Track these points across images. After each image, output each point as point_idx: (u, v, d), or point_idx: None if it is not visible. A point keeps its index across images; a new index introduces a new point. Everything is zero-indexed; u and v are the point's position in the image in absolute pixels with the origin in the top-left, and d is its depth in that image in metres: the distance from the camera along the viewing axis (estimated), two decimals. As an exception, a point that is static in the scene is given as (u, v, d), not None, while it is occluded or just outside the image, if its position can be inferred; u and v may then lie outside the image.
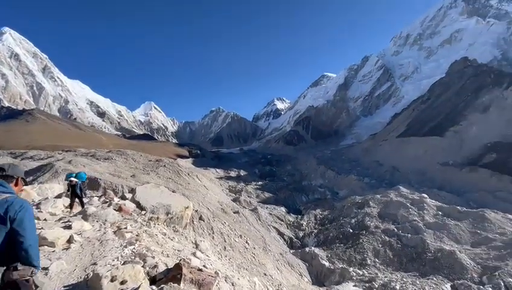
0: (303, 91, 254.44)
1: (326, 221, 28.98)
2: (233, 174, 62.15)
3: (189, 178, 30.90)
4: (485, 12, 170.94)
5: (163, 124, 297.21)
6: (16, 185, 2.26)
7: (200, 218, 14.93)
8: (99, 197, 8.14)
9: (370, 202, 29.27)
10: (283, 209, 34.11)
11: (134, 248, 4.24)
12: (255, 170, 72.06)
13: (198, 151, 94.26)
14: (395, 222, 24.50)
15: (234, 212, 23.73)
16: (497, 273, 14.71)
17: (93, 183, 15.62)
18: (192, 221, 13.80)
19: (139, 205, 6.98)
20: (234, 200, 33.89)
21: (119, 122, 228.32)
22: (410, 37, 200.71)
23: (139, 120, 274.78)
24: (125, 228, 5.12)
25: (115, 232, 4.82)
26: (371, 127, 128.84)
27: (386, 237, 20.76)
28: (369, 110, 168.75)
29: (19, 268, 1.92)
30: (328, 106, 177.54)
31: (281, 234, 25.41)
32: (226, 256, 9.97)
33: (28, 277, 1.96)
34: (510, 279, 13.97)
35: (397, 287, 14.43)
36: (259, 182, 52.65)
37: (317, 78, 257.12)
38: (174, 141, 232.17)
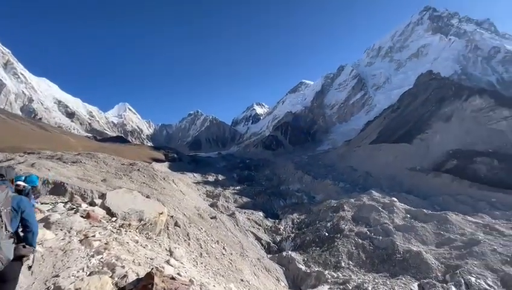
0: (282, 97, 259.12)
1: (303, 225, 29.42)
2: (211, 178, 61.20)
3: (165, 183, 29.92)
4: (447, 30, 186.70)
5: (138, 127, 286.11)
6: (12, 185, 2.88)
7: (176, 224, 14.45)
8: (65, 203, 7.58)
9: (345, 206, 30.24)
10: (261, 214, 34.12)
11: (102, 257, 3.97)
12: (233, 174, 71.58)
13: (175, 155, 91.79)
14: (367, 225, 25.47)
15: (211, 218, 23.29)
16: (458, 271, 15.79)
17: (59, 189, 14.55)
18: (167, 227, 13.31)
19: (109, 211, 6.59)
20: (211, 205, 33.31)
21: (90, 124, 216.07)
22: (382, 49, 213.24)
23: (112, 122, 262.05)
24: (93, 236, 4.80)
25: (81, 241, 4.49)
26: (346, 133, 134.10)
27: (359, 240, 21.50)
28: (344, 117, 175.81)
29: (26, 247, 2.61)
30: (306, 112, 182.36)
31: (258, 239, 25.34)
32: (202, 263, 9.71)
33: (30, 254, 2.67)
34: (469, 276, 15.06)
35: (369, 288, 14.93)
36: (238, 187, 52.32)
37: (295, 85, 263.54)
38: (150, 144, 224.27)
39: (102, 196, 8.77)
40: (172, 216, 14.98)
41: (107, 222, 5.99)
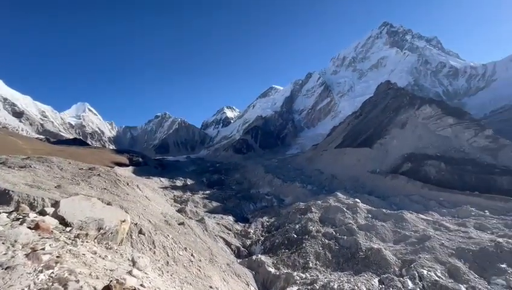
0: (252, 101, 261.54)
1: (272, 228, 29.73)
2: (179, 183, 59.16)
3: (129, 188, 28.17)
4: (402, 44, 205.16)
5: (99, 128, 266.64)
6: None
7: (140, 232, 13.63)
8: (9, 213, 6.71)
9: (312, 208, 31.24)
10: (231, 218, 33.78)
11: (52, 272, 3.58)
12: (202, 178, 70.02)
13: (140, 159, 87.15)
14: (333, 225, 26.59)
15: (179, 224, 22.43)
16: (412, 265, 17.18)
17: (2, 197, 12.87)
18: (131, 236, 12.51)
19: (63, 221, 5.98)
20: (179, 210, 32.13)
21: (42, 124, 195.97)
22: (346, 59, 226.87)
23: (69, 123, 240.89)
24: (43, 249, 4.30)
25: (27, 255, 4.00)
26: (314, 138, 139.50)
27: (325, 240, 22.32)
28: (312, 123, 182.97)
29: None
30: (276, 116, 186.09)
31: (228, 244, 25.00)
32: (168, 272, 9.27)
33: None
34: (422, 269, 16.47)
35: (335, 286, 15.51)
36: (207, 191, 51.27)
37: (265, 90, 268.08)
38: (112, 147, 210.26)
39: (56, 204, 7.94)
40: (136, 224, 14.12)
41: (60, 232, 5.43)
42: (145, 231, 13.64)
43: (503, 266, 16.59)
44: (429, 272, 16.10)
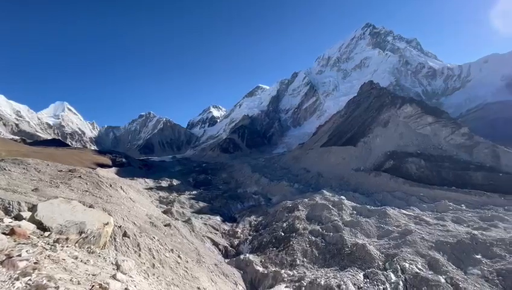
0: (239, 100, 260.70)
1: (260, 227, 29.83)
2: (164, 184, 58.08)
3: (112, 190, 27.31)
4: (384, 45, 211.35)
5: (79, 128, 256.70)
6: None
7: (125, 234, 13.25)
8: (-19, 218, 6.31)
9: (299, 206, 31.61)
10: (218, 218, 33.58)
11: (30, 279, 3.39)
12: (189, 178, 69.12)
13: (124, 160, 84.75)
14: (320, 222, 27.04)
15: (165, 225, 22.03)
16: (395, 259, 17.79)
17: (-27, 202, 12.09)
18: (114, 239, 12.13)
19: (41, 225, 5.69)
20: (165, 212, 31.57)
21: (17, 125, 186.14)
22: (330, 59, 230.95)
23: (47, 123, 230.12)
24: (19, 255, 4.07)
25: (1, 262, 3.77)
26: (300, 137, 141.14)
27: (312, 237, 22.67)
28: (298, 122, 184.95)
29: None
30: (262, 116, 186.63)
31: (216, 244, 24.85)
32: (154, 274, 9.07)
33: None
34: (404, 263, 17.09)
35: (322, 282, 15.78)
36: (194, 192, 50.67)
37: (252, 89, 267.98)
38: (94, 147, 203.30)
39: (33, 208, 7.55)
40: (120, 226, 13.71)
41: (38, 237, 5.16)
42: (130, 234, 13.28)
43: (478, 256, 17.53)
44: (411, 265, 16.73)
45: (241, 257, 21.21)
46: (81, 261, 4.70)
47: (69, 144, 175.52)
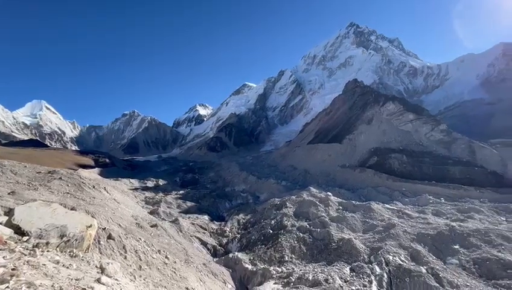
0: (225, 98, 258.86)
1: (248, 225, 29.89)
2: (150, 184, 56.93)
3: (95, 191, 26.49)
4: (368, 44, 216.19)
5: (59, 128, 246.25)
6: None
7: (109, 237, 12.88)
8: (-49, 224, 5.92)
9: (287, 203, 31.93)
10: (206, 217, 33.33)
11: (8, 287, 3.24)
12: (175, 178, 68.10)
13: (107, 160, 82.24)
14: (307, 219, 27.45)
15: (151, 226, 21.62)
16: (380, 252, 18.38)
17: None
18: (99, 241, 11.78)
19: (18, 230, 5.43)
20: (152, 212, 30.98)
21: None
22: (316, 57, 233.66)
23: (23, 122, 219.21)
24: (-5, 261, 3.87)
25: (-24, 270, 3.57)
26: (287, 134, 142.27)
27: (300, 234, 22.98)
28: (285, 119, 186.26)
29: None
30: (250, 114, 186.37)
31: (204, 244, 24.67)
32: (141, 276, 8.89)
33: None
34: (388, 255, 17.69)
35: (310, 277, 16.06)
36: (181, 191, 49.98)
37: (239, 87, 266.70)
38: (75, 148, 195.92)
39: (10, 212, 7.18)
40: (104, 228, 13.32)
41: (16, 242, 4.92)
42: (115, 236, 12.93)
43: (456, 247, 18.43)
44: (394, 257, 17.34)
45: (230, 255, 21.19)
46: (63, 265, 4.53)
47: (48, 144, 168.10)
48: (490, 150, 44.32)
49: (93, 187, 27.33)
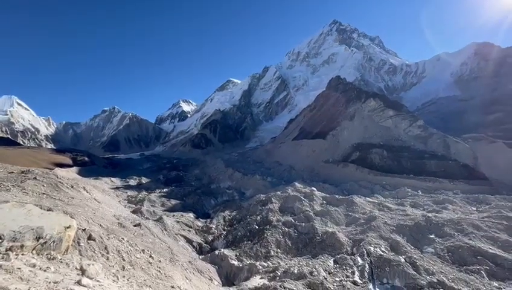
0: (210, 95, 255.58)
1: (234, 221, 29.91)
2: (132, 182, 55.42)
3: (74, 191, 25.39)
4: (350, 42, 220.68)
5: (32, 125, 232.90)
6: None
7: (90, 238, 12.43)
8: None
9: (272, 199, 32.24)
10: (191, 215, 32.95)
11: (-21, 293, 3.05)
12: (159, 176, 66.66)
13: (86, 158, 78.99)
14: (292, 213, 27.89)
15: (135, 226, 21.10)
16: (361, 244, 19.05)
17: None
18: (78, 243, 11.33)
19: (-11, 233, 5.11)
20: (135, 211, 30.21)
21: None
22: (300, 54, 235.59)
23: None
24: (-37, 267, 3.62)
25: None
26: (272, 130, 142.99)
27: (285, 228, 23.32)
28: (270, 116, 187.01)
29: None
30: (234, 110, 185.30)
31: (189, 241, 24.43)
32: (124, 276, 8.67)
33: None
34: (369, 247, 18.39)
35: (295, 271, 16.38)
36: (165, 189, 49.03)
37: (223, 83, 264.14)
38: (51, 146, 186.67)
39: (-22, 215, 6.71)
40: (85, 229, 12.82)
41: (-13, 247, 4.63)
42: (96, 236, 12.50)
43: (432, 236, 19.47)
44: (375, 248, 18.05)
45: (216, 252, 21.14)
46: (40, 269, 4.32)
47: (21, 142, 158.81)
48: (463, 144, 46.93)
49: (72, 187, 26.19)
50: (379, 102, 66.05)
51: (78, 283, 3.98)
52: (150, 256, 14.22)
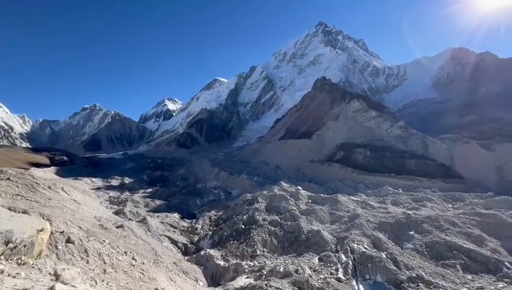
0: (196, 93, 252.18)
1: (220, 221, 29.70)
2: (115, 182, 53.77)
3: (51, 192, 24.26)
4: (335, 44, 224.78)
5: (5, 123, 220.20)
6: None
7: (68, 240, 11.89)
8: None
9: (258, 198, 32.28)
10: (176, 215, 32.38)
11: None
12: (143, 176, 65.08)
13: (65, 158, 75.81)
14: (278, 213, 28.05)
15: (117, 227, 20.47)
16: (345, 241, 19.47)
17: None
18: (56, 246, 10.81)
19: (-47, 238, 4.74)
20: (117, 212, 29.29)
21: None
22: (287, 55, 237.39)
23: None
24: None
25: None
26: (259, 130, 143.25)
27: (271, 227, 23.42)
28: (257, 115, 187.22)
29: None
30: (221, 109, 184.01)
31: (174, 242, 24.00)
32: (103, 280, 8.35)
33: None
34: (353, 244, 18.83)
35: (281, 269, 16.49)
36: (149, 189, 47.95)
37: (209, 82, 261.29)
38: (27, 145, 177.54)
39: None
40: (63, 232, 12.26)
41: (-50, 253, 4.29)
42: (75, 239, 11.99)
43: (411, 233, 20.21)
44: (358, 245, 18.50)
45: (202, 253, 20.90)
46: (9, 275, 4.05)
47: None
48: (440, 144, 49.07)
49: (49, 188, 25.02)
50: (363, 103, 67.72)
51: (51, 289, 3.77)
52: (133, 258, 13.83)
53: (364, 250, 17.81)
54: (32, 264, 4.78)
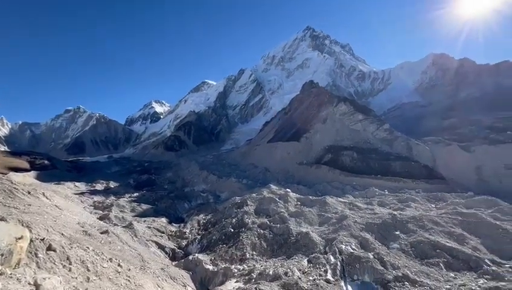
0: (184, 96, 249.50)
1: (209, 225, 29.37)
2: (99, 187, 52.22)
3: (31, 198, 23.23)
4: (322, 48, 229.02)
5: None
6: None
7: (49, 248, 11.38)
8: None
9: (248, 201, 32.20)
10: (164, 220, 31.78)
11: None
12: (129, 180, 63.53)
13: (46, 162, 72.88)
14: (267, 215, 28.06)
15: (102, 233, 19.83)
16: (334, 242, 19.70)
17: None
18: (36, 254, 10.33)
19: None
20: (102, 218, 28.42)
21: None
22: (275, 58, 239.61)
23: None
24: None
25: None
26: (248, 133, 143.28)
27: (261, 230, 23.39)
28: (246, 118, 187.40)
29: None
30: (209, 112, 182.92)
31: (161, 248, 23.51)
32: (87, 289, 8.06)
33: None
34: (341, 245, 19.07)
35: (271, 272, 16.46)
36: (135, 194, 46.83)
37: (198, 84, 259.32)
38: (5, 148, 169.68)
39: None
40: (43, 239, 11.72)
41: None
42: (57, 246, 11.49)
43: (397, 233, 20.72)
44: (346, 246, 18.76)
45: (190, 257, 20.56)
46: (-14, 286, 3.84)
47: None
48: (423, 146, 50.77)
49: (29, 193, 23.94)
50: (349, 106, 69.18)
51: (32, 299, 3.60)
52: (119, 265, 13.42)
53: (352, 251, 18.08)
54: (11, 274, 4.54)
